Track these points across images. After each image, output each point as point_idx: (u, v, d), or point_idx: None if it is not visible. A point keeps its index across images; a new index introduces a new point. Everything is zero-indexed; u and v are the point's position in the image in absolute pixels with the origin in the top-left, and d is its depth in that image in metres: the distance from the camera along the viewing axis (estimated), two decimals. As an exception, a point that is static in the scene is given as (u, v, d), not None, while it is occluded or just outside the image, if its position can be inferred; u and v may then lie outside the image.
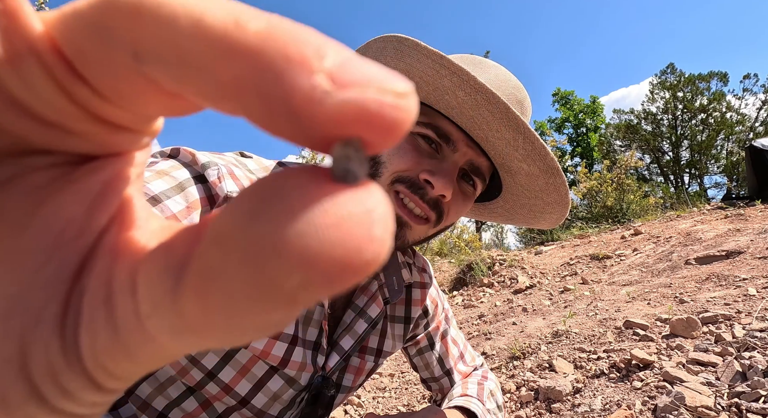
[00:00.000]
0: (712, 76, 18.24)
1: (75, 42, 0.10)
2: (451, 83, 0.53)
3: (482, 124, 0.57)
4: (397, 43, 0.54)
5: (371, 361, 0.77)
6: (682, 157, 18.88)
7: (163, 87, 0.10)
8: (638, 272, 2.89)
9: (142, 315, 0.11)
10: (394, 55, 0.55)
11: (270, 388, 0.65)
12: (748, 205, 4.26)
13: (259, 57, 0.09)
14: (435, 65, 0.53)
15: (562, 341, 1.90)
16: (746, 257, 2.41)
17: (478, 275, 4.07)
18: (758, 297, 1.78)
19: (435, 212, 0.61)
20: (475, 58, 0.62)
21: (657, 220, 4.73)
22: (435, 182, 0.57)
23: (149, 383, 0.62)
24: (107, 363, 0.11)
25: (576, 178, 7.30)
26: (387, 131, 0.10)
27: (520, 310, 2.74)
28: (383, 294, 0.74)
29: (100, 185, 0.13)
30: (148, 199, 0.49)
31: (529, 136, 0.57)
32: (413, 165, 0.58)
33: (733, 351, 1.35)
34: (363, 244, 0.09)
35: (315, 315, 0.66)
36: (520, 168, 0.63)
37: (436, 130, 0.58)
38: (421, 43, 0.52)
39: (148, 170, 0.52)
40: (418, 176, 0.58)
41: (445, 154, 0.60)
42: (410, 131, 0.58)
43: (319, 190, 0.09)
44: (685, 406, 1.10)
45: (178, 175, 0.53)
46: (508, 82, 0.61)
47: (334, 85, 0.09)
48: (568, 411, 1.32)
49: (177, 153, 0.56)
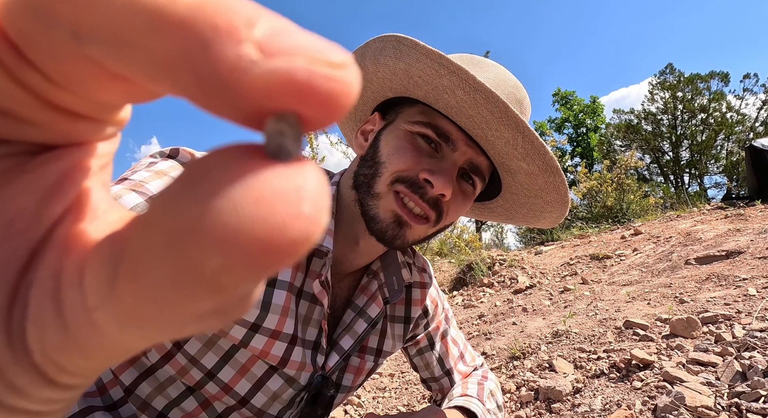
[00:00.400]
0: (712, 76, 18.24)
1: (17, 24, 0.10)
2: (450, 82, 0.53)
3: (481, 123, 0.57)
4: (396, 42, 0.54)
5: (371, 361, 0.77)
6: (682, 157, 18.87)
7: (107, 69, 0.10)
8: (638, 272, 2.89)
9: (90, 307, 0.10)
10: (393, 54, 0.55)
11: (270, 387, 0.64)
12: (748, 205, 4.26)
13: (188, 29, 0.08)
14: (434, 64, 0.53)
15: (562, 341, 1.90)
16: (746, 257, 2.41)
17: (478, 275, 4.07)
18: (758, 297, 1.78)
19: (435, 211, 0.61)
20: (474, 58, 0.62)
21: (657, 220, 4.73)
22: (435, 181, 0.57)
23: (148, 382, 0.62)
24: (57, 358, 0.11)
25: (576, 178, 7.30)
26: (322, 105, 0.09)
27: (520, 310, 2.74)
28: (383, 294, 0.73)
29: (56, 176, 0.12)
30: (145, 200, 0.49)
31: (528, 134, 0.57)
32: (413, 164, 0.58)
33: (733, 351, 1.35)
34: (288, 221, 0.09)
35: (315, 315, 0.66)
36: (519, 167, 0.63)
37: (435, 130, 0.58)
38: (419, 43, 0.52)
39: (147, 171, 0.53)
40: (417, 176, 0.58)
41: (444, 154, 0.60)
42: (409, 130, 0.58)
43: (246, 166, 0.09)
44: (685, 406, 1.10)
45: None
46: (507, 81, 0.61)
47: (261, 54, 0.09)
48: (568, 411, 1.32)
49: (176, 153, 0.56)
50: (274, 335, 0.61)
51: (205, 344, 0.60)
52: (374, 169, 0.60)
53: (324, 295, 0.62)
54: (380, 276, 0.73)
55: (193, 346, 0.60)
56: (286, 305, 0.61)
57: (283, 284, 0.61)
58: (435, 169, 0.58)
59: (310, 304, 0.64)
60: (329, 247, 0.59)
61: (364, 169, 0.62)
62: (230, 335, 0.59)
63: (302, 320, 0.64)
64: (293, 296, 0.62)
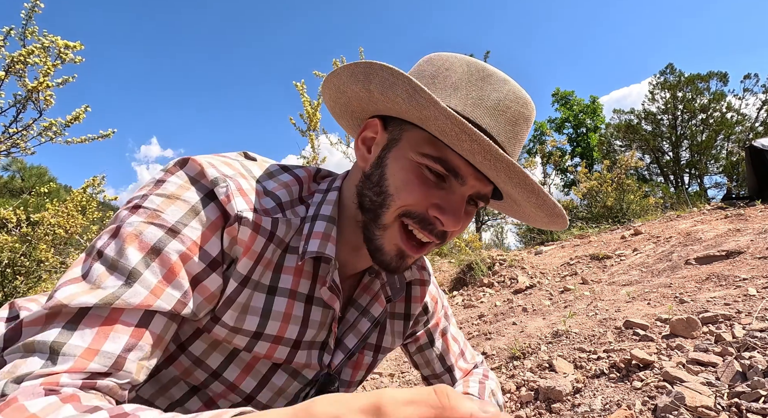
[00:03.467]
0: (712, 76, 18.23)
1: None
2: (470, 147, 0.52)
3: (496, 179, 0.56)
4: (412, 90, 0.51)
5: (369, 356, 0.78)
6: (682, 158, 18.87)
7: None
8: (638, 272, 2.89)
9: None
10: (406, 99, 0.53)
11: (275, 383, 0.66)
12: (748, 205, 4.26)
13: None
14: (454, 128, 0.51)
15: (562, 341, 1.90)
16: (746, 257, 2.41)
17: (478, 275, 4.07)
18: (758, 297, 1.78)
19: (441, 240, 0.62)
20: (483, 71, 0.58)
21: (657, 220, 4.73)
22: (444, 220, 0.57)
23: (151, 385, 0.62)
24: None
25: (576, 178, 7.29)
26: None
27: (520, 310, 2.74)
28: (386, 293, 0.74)
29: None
30: (165, 232, 0.50)
31: (542, 195, 0.57)
32: (421, 199, 0.57)
33: (733, 351, 1.35)
34: None
35: (327, 319, 0.67)
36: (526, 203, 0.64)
37: (444, 165, 0.56)
38: (438, 102, 0.50)
39: (158, 195, 0.53)
40: (426, 211, 0.58)
41: (452, 185, 0.59)
42: (417, 162, 0.57)
43: None
44: (685, 406, 1.10)
45: (189, 197, 0.54)
46: (517, 101, 0.59)
47: None
48: (568, 411, 1.32)
49: (185, 164, 0.56)
50: (276, 340, 0.62)
51: (210, 345, 0.60)
52: (381, 198, 0.59)
53: (334, 300, 0.63)
54: (382, 275, 0.74)
55: (198, 347, 0.60)
56: (288, 312, 0.62)
57: (283, 292, 0.61)
58: (444, 205, 0.58)
59: (323, 309, 0.65)
60: (332, 255, 0.60)
61: (370, 193, 0.60)
62: (234, 343, 0.60)
63: (317, 326, 0.65)
64: (299, 302, 0.63)
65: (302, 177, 0.66)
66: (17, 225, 3.39)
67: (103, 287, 0.46)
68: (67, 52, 2.40)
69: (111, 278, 0.47)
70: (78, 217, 3.61)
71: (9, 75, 2.35)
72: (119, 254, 0.48)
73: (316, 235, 0.60)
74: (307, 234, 0.60)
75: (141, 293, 0.47)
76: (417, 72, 0.62)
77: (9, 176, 13.51)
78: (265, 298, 0.60)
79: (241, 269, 0.56)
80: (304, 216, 0.63)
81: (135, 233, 0.50)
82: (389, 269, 0.62)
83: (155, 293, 0.48)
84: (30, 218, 3.45)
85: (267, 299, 0.60)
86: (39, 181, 12.62)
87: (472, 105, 0.56)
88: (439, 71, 0.59)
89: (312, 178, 0.69)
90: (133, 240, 0.49)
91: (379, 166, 0.60)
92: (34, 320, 0.45)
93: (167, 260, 0.50)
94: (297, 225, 0.62)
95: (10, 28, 2.32)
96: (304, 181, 0.66)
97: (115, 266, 0.48)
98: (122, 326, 0.46)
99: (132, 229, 0.50)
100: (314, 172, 0.70)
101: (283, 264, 0.61)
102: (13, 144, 2.57)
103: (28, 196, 3.80)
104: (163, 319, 0.50)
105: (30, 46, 2.34)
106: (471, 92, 0.57)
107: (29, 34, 2.36)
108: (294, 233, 0.62)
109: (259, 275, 0.59)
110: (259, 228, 0.56)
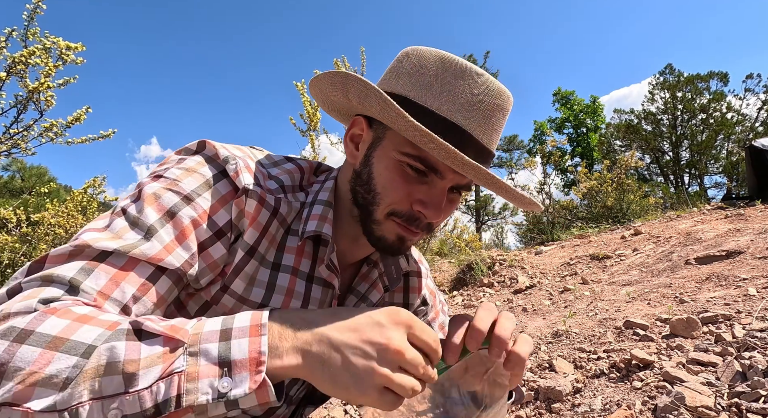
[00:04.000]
0: (712, 76, 18.23)
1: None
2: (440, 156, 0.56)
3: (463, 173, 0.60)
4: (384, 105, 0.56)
5: None
6: (682, 157, 18.88)
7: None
8: (638, 272, 2.89)
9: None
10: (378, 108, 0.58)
11: None
12: (748, 205, 4.26)
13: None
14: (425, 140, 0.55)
15: (562, 341, 1.90)
16: (746, 257, 2.41)
17: (478, 275, 4.07)
18: (758, 297, 1.78)
19: (428, 231, 0.68)
20: (456, 67, 0.61)
21: (657, 220, 4.74)
22: (427, 214, 0.63)
23: None
24: None
25: (576, 178, 7.30)
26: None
27: (520, 310, 2.74)
28: (383, 282, 0.79)
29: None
30: (181, 198, 0.56)
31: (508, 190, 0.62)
32: (405, 196, 0.63)
33: (733, 351, 1.35)
34: None
35: (327, 297, 0.71)
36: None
37: (424, 163, 0.61)
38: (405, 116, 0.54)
39: (178, 168, 0.60)
40: (411, 207, 0.63)
41: (433, 180, 0.63)
42: (399, 160, 0.61)
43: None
44: (685, 406, 1.10)
45: (205, 172, 0.60)
46: (489, 93, 0.61)
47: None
48: (568, 411, 1.32)
49: (203, 147, 0.63)
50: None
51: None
52: (371, 196, 0.64)
53: (333, 277, 0.68)
54: (380, 266, 0.78)
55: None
56: (291, 287, 0.66)
57: (287, 268, 0.66)
58: (426, 199, 0.63)
59: (323, 288, 0.70)
60: (328, 233, 0.64)
61: (361, 190, 0.66)
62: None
63: (315, 302, 0.69)
64: (300, 280, 0.67)
65: (304, 167, 0.72)
66: (17, 225, 3.40)
67: (123, 238, 0.52)
68: (69, 54, 2.41)
69: (131, 232, 0.53)
70: (78, 217, 3.61)
71: (10, 76, 2.35)
72: (140, 213, 0.54)
73: (314, 217, 0.65)
74: (306, 217, 0.66)
75: (156, 247, 0.52)
76: (395, 68, 0.65)
77: (9, 176, 13.52)
78: (270, 273, 0.64)
79: (248, 238, 0.61)
80: (304, 201, 0.68)
81: (154, 196, 0.56)
82: (393, 252, 0.68)
83: (168, 249, 0.53)
84: (30, 217, 3.45)
85: (272, 273, 0.65)
86: (39, 181, 12.62)
87: (447, 103, 0.60)
88: (414, 68, 0.63)
89: (313, 170, 0.74)
90: (153, 202, 0.55)
91: (367, 164, 0.65)
92: (59, 256, 0.49)
93: (180, 223, 0.55)
94: (297, 208, 0.67)
95: (12, 29, 2.33)
96: (306, 171, 0.72)
97: (136, 223, 0.54)
98: (134, 276, 0.51)
99: (152, 192, 0.56)
100: (315, 166, 0.75)
101: (286, 244, 0.66)
102: (13, 144, 2.57)
103: (28, 196, 3.81)
104: (168, 281, 0.54)
105: (31, 46, 2.34)
106: (444, 89, 0.60)
107: (31, 35, 2.36)
108: (295, 216, 0.67)
109: (264, 249, 0.63)
110: (264, 202, 0.61)
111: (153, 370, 0.39)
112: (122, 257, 0.50)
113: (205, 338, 0.42)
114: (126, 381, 0.38)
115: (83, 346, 0.39)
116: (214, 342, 0.42)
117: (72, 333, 0.40)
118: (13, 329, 0.40)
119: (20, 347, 0.39)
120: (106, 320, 0.42)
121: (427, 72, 0.61)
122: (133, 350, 0.40)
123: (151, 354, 0.40)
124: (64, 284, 0.46)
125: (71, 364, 0.38)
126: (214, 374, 0.40)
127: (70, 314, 0.42)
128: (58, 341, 0.39)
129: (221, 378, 0.40)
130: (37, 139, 2.62)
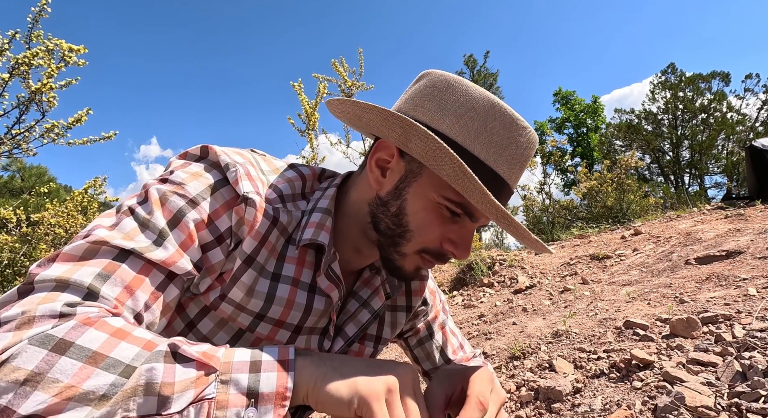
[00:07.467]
0: (714, 76, 18.22)
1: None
2: (483, 207, 0.57)
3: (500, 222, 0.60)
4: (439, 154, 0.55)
5: (370, 347, 0.82)
6: (682, 158, 18.87)
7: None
8: (638, 272, 2.89)
9: None
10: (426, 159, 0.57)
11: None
12: (748, 205, 4.27)
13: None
14: (473, 192, 0.55)
15: (562, 341, 1.90)
16: (746, 257, 2.41)
17: (478, 275, 4.08)
18: (758, 297, 1.78)
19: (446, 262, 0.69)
20: (505, 116, 0.60)
21: (657, 220, 4.74)
22: (457, 253, 0.64)
23: None
24: None
25: (576, 178, 7.30)
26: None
27: (520, 310, 2.75)
28: (385, 290, 0.78)
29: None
30: (186, 202, 0.57)
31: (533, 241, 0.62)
32: (439, 236, 0.63)
33: (733, 351, 1.35)
34: None
35: (327, 307, 0.71)
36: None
37: (464, 209, 0.61)
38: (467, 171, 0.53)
39: (184, 171, 0.60)
40: (441, 245, 0.64)
41: (464, 221, 0.63)
42: (438, 203, 0.61)
43: None
44: (685, 406, 1.11)
45: (209, 177, 0.60)
46: (529, 147, 0.63)
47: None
48: (568, 411, 1.32)
49: (206, 153, 0.63)
50: (278, 324, 0.66)
51: (217, 324, 0.64)
52: (401, 231, 0.63)
53: (332, 289, 0.67)
54: (382, 273, 0.78)
55: (206, 326, 0.64)
56: (291, 298, 0.65)
57: (287, 279, 0.65)
58: (457, 240, 0.64)
59: (326, 298, 0.69)
60: (324, 241, 0.64)
61: (387, 220, 0.64)
62: (238, 321, 0.64)
63: (317, 313, 0.69)
64: (302, 291, 0.67)
65: (306, 175, 0.71)
66: (17, 225, 3.40)
67: (135, 240, 0.52)
68: (71, 55, 2.41)
69: (142, 235, 0.53)
70: (78, 217, 3.62)
71: (13, 77, 2.36)
72: (149, 214, 0.54)
73: (311, 225, 0.65)
74: (304, 225, 0.65)
75: (169, 251, 0.53)
76: (436, 98, 0.62)
77: (9, 176, 13.51)
78: (269, 284, 0.64)
79: (246, 248, 0.60)
80: (305, 209, 0.68)
81: (162, 199, 0.56)
82: (405, 279, 0.70)
83: (180, 253, 0.54)
84: (30, 218, 3.46)
85: (271, 284, 0.64)
86: (39, 181, 12.61)
87: (494, 154, 0.60)
88: (462, 110, 0.60)
89: (317, 177, 0.73)
90: (160, 205, 0.56)
91: (398, 197, 0.63)
92: (73, 255, 0.49)
93: (185, 227, 0.56)
94: (298, 217, 0.66)
95: (15, 31, 2.33)
96: (308, 179, 0.71)
97: (146, 225, 0.54)
98: (147, 284, 0.51)
99: (159, 195, 0.56)
100: (319, 172, 0.74)
101: (286, 254, 0.65)
102: (15, 145, 2.57)
103: (28, 196, 3.81)
104: (175, 290, 0.55)
105: (34, 48, 2.34)
106: (493, 140, 0.60)
107: (34, 37, 2.37)
108: (296, 226, 0.66)
109: (264, 259, 0.63)
110: (263, 211, 0.61)
111: (186, 394, 0.40)
112: (138, 260, 0.51)
113: (236, 367, 0.43)
114: (159, 403, 0.39)
115: (122, 365, 0.40)
116: (244, 373, 0.43)
117: (111, 349, 0.41)
118: (50, 337, 0.40)
119: (60, 358, 0.39)
120: (141, 338, 0.43)
121: (476, 116, 0.60)
122: (170, 373, 0.41)
123: (185, 378, 0.41)
124: (82, 290, 0.47)
125: (109, 382, 0.39)
126: (242, 403, 0.41)
127: (107, 327, 0.43)
128: (98, 356, 0.40)
129: (247, 408, 0.41)
130: (39, 140, 2.62)
